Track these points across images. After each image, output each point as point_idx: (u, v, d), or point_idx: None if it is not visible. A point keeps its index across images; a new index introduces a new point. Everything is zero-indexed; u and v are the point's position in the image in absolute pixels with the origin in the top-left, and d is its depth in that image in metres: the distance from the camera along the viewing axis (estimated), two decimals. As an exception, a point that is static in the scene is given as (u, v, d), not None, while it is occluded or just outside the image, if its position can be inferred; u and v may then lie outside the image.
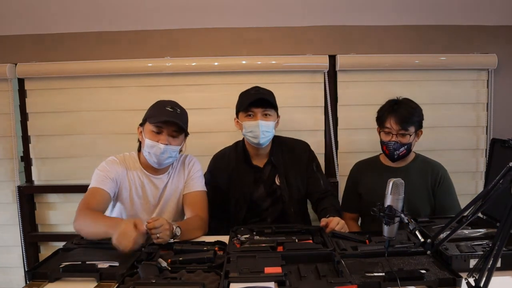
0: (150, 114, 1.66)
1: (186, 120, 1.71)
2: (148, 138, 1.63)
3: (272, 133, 1.84)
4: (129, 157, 1.75)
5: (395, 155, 1.83)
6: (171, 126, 1.63)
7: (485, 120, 2.39)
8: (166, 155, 1.63)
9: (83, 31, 2.32)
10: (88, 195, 1.60)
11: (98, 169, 1.66)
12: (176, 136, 1.66)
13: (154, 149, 1.62)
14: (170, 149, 1.63)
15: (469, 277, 0.96)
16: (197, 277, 1.16)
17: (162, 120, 1.61)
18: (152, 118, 1.63)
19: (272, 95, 1.88)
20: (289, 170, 1.89)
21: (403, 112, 1.80)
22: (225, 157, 1.94)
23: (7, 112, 2.34)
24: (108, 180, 1.63)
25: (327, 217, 1.59)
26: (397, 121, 1.79)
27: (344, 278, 1.09)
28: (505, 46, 2.35)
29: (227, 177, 1.89)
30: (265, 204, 1.89)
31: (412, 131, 1.81)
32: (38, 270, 1.23)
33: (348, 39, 2.34)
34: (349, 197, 2.04)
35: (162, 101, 1.71)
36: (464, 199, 1.45)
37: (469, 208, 1.05)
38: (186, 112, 1.73)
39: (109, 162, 1.69)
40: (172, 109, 1.64)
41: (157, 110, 1.65)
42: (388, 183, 1.14)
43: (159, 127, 1.62)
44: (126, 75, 2.31)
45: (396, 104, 1.84)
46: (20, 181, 2.38)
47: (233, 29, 2.33)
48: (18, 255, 2.40)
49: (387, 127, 1.82)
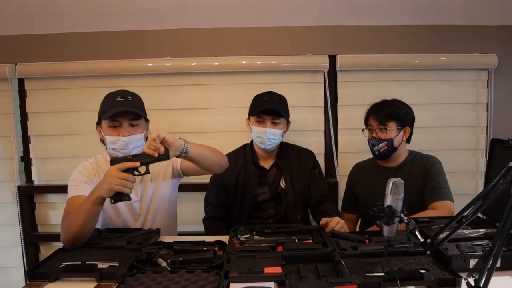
0: (103, 110, 1.55)
1: (141, 105, 1.61)
2: (108, 135, 1.54)
3: (279, 140, 1.89)
4: (101, 158, 1.67)
5: (376, 151, 1.84)
6: (127, 116, 1.53)
7: (485, 120, 2.39)
8: (131, 145, 1.54)
9: (83, 31, 2.32)
10: (66, 207, 1.50)
11: (70, 179, 1.57)
12: (136, 125, 1.56)
13: (117, 144, 1.53)
14: (134, 139, 1.54)
15: (469, 277, 0.96)
16: (197, 277, 1.16)
17: (115, 112, 1.50)
18: (105, 114, 1.52)
19: (284, 103, 1.91)
20: (295, 174, 1.91)
21: (383, 109, 1.84)
22: (233, 157, 1.95)
23: (7, 112, 2.34)
24: (83, 185, 1.54)
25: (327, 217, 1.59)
26: (375, 117, 1.83)
27: (344, 278, 1.09)
28: (505, 46, 2.35)
29: (233, 177, 1.90)
30: (268, 207, 1.90)
31: (392, 126, 1.81)
32: (38, 270, 1.23)
33: (348, 39, 2.34)
34: (347, 198, 2.05)
35: (110, 93, 1.60)
36: (464, 199, 1.45)
37: (469, 208, 1.05)
38: (139, 97, 1.63)
39: (80, 168, 1.61)
40: (122, 98, 1.54)
41: (108, 104, 1.55)
42: (388, 183, 1.14)
43: (115, 120, 1.53)
44: (126, 75, 2.32)
45: (380, 104, 1.88)
46: (20, 181, 2.38)
47: (233, 29, 2.33)
48: (18, 255, 2.40)
49: (369, 125, 1.87)
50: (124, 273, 1.18)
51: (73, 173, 1.60)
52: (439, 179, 1.82)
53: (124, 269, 1.20)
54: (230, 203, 1.91)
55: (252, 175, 1.89)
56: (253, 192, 1.88)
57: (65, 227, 1.40)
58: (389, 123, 1.81)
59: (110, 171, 1.31)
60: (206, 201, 1.95)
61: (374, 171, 1.94)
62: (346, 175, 2.10)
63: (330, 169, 2.39)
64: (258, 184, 1.90)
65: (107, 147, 1.59)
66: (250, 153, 1.95)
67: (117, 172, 1.31)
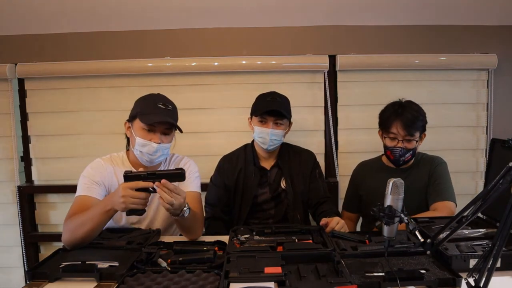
0: (142, 111, 1.56)
1: (177, 116, 1.65)
2: (140, 137, 1.55)
3: (280, 141, 1.89)
4: (116, 157, 1.67)
5: (401, 161, 1.80)
6: (164, 125, 1.57)
7: (485, 120, 2.39)
8: (159, 153, 1.57)
9: (83, 31, 2.32)
10: (74, 205, 1.49)
11: (83, 174, 1.57)
12: (168, 134, 1.60)
13: (146, 148, 1.55)
14: (163, 147, 1.57)
15: (469, 277, 0.96)
16: (197, 277, 1.16)
17: (156, 120, 1.53)
18: (145, 117, 1.54)
19: (287, 104, 1.91)
20: (295, 175, 1.91)
21: (409, 116, 1.75)
22: (234, 158, 1.96)
23: (7, 112, 2.34)
24: (95, 186, 1.54)
25: (327, 217, 1.59)
26: (404, 127, 1.74)
27: (344, 278, 1.09)
28: (505, 46, 2.35)
29: (234, 177, 1.90)
30: (268, 207, 1.90)
31: (417, 136, 1.78)
32: (38, 270, 1.23)
33: (348, 39, 2.34)
34: (350, 197, 2.04)
35: (152, 96, 1.62)
36: (464, 199, 1.45)
37: (469, 208, 1.05)
38: (176, 107, 1.67)
39: (94, 165, 1.61)
40: (164, 106, 1.57)
41: (149, 108, 1.56)
42: (388, 183, 1.14)
43: (151, 125, 1.55)
44: (126, 75, 2.32)
45: (400, 107, 1.79)
46: (20, 181, 2.38)
47: (233, 29, 2.33)
48: (18, 255, 2.40)
49: (392, 133, 1.78)
50: (124, 273, 1.18)
51: (86, 169, 1.60)
52: (442, 180, 1.81)
53: (124, 269, 1.21)
54: (231, 203, 1.91)
55: (253, 175, 1.89)
56: (253, 192, 1.88)
57: (70, 229, 1.38)
58: (416, 133, 1.77)
59: (124, 190, 1.30)
60: (207, 201, 1.95)
61: (381, 172, 1.90)
62: (346, 175, 2.10)
63: (330, 169, 2.39)
64: (259, 184, 1.90)
65: (135, 148, 1.58)
66: (251, 153, 1.95)
67: (131, 192, 1.30)
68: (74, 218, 1.40)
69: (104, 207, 1.35)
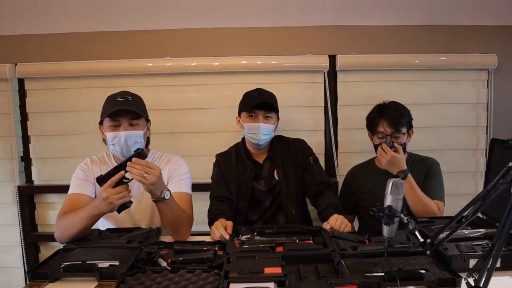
0: (104, 111, 1.61)
1: (141, 105, 1.66)
2: (108, 132, 1.60)
3: (271, 135, 1.89)
4: (102, 157, 1.74)
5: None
6: (127, 115, 1.58)
7: (485, 120, 2.39)
8: (131, 141, 1.59)
9: (83, 31, 2.32)
10: (65, 203, 1.57)
11: (73, 175, 1.65)
12: (135, 124, 1.61)
13: (116, 139, 1.58)
14: (133, 134, 1.59)
15: (469, 277, 0.96)
16: (197, 277, 1.16)
17: (113, 110, 1.55)
18: (106, 113, 1.58)
19: (274, 99, 1.92)
20: (287, 165, 1.91)
21: (393, 113, 1.81)
22: (226, 156, 1.96)
23: (7, 112, 2.34)
24: (87, 183, 1.62)
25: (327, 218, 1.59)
26: (389, 124, 1.80)
27: (344, 279, 1.09)
28: (505, 46, 2.35)
29: (231, 173, 1.90)
30: (265, 200, 1.90)
31: (404, 131, 1.81)
32: (39, 270, 1.23)
33: (348, 39, 2.34)
34: (343, 200, 2.02)
35: (111, 94, 1.65)
36: (464, 199, 1.45)
37: (469, 208, 1.06)
38: (140, 98, 1.69)
39: (83, 164, 1.69)
40: (122, 98, 1.59)
41: (109, 104, 1.60)
42: (387, 183, 1.14)
43: (115, 120, 1.58)
44: (126, 75, 2.31)
45: (385, 108, 1.85)
46: (20, 181, 2.37)
47: (233, 29, 2.33)
48: (18, 255, 2.40)
49: (380, 131, 1.83)
50: (124, 272, 1.18)
51: (76, 169, 1.69)
52: (433, 180, 1.85)
53: (124, 268, 1.21)
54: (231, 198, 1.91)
55: (248, 169, 1.90)
56: (250, 186, 1.88)
57: (61, 227, 1.48)
58: (402, 128, 1.80)
59: (105, 191, 1.39)
60: (210, 198, 1.94)
61: (372, 173, 1.93)
62: (346, 175, 2.10)
63: (330, 169, 2.39)
64: (254, 178, 1.90)
65: (108, 145, 1.63)
66: (243, 150, 1.95)
67: (112, 190, 1.39)
68: (64, 217, 1.49)
69: (91, 212, 1.44)
